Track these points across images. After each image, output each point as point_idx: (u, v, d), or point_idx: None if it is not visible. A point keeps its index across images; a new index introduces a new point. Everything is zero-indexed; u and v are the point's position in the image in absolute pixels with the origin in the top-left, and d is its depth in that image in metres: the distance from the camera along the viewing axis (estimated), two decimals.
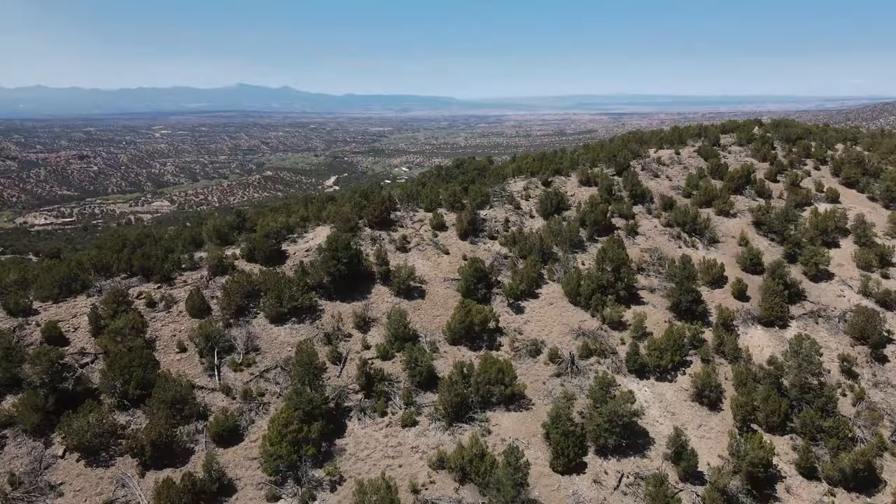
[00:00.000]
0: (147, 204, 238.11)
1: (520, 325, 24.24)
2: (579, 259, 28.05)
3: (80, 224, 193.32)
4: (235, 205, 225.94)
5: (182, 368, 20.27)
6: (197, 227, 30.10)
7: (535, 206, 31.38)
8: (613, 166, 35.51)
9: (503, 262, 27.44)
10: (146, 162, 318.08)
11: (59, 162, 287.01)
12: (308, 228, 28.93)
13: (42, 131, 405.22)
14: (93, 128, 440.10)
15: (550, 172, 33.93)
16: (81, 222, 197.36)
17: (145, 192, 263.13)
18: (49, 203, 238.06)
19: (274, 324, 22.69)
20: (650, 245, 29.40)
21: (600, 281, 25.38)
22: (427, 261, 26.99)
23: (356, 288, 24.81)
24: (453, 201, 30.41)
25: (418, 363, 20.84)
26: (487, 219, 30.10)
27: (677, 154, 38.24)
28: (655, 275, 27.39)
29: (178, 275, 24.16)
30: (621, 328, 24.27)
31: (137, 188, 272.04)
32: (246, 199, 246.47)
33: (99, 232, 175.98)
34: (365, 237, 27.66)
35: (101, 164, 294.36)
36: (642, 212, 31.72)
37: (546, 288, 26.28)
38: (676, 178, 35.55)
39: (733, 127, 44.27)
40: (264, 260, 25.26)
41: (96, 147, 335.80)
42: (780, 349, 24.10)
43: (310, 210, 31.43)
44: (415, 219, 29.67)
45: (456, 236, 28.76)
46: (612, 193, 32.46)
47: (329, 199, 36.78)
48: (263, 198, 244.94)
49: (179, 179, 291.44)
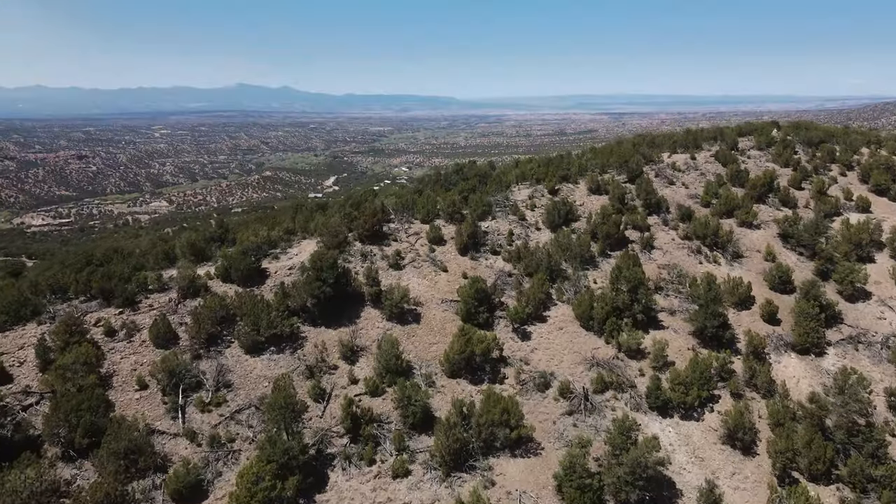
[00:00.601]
0: (145, 204, 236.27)
1: (526, 354, 21.57)
2: (591, 277, 25.37)
3: (76, 225, 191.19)
4: (234, 205, 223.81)
5: (141, 409, 17.65)
6: (171, 241, 27.44)
7: (541, 217, 28.69)
8: (625, 172, 32.81)
9: (507, 280, 24.78)
10: (145, 162, 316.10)
11: (58, 162, 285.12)
12: (293, 242, 26.26)
13: (41, 131, 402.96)
14: (92, 127, 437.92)
15: (557, 179, 31.25)
16: (79, 223, 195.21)
17: (144, 192, 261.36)
18: (47, 203, 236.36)
19: (250, 354, 20.04)
20: (668, 260, 26.71)
21: (615, 303, 22.73)
22: (423, 279, 24.32)
23: (343, 311, 22.15)
24: (452, 212, 27.74)
25: (412, 402, 18.22)
26: (489, 231, 27.42)
27: (693, 159, 35.53)
28: (675, 294, 24.71)
29: (143, 298, 21.52)
30: (640, 357, 21.61)
31: (136, 188, 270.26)
32: (245, 200, 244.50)
33: (95, 233, 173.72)
34: (355, 253, 24.98)
35: (99, 165, 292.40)
36: (658, 223, 29.05)
37: (555, 310, 23.60)
38: (693, 185, 32.85)
39: (751, 129, 41.54)
40: (241, 280, 22.60)
41: (95, 147, 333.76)
42: (818, 381, 21.45)
43: (297, 221, 28.76)
44: (410, 231, 27.00)
45: (455, 251, 26.09)
46: (625, 203, 29.77)
47: (319, 207, 34.11)
48: (262, 198, 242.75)
49: (178, 179, 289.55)
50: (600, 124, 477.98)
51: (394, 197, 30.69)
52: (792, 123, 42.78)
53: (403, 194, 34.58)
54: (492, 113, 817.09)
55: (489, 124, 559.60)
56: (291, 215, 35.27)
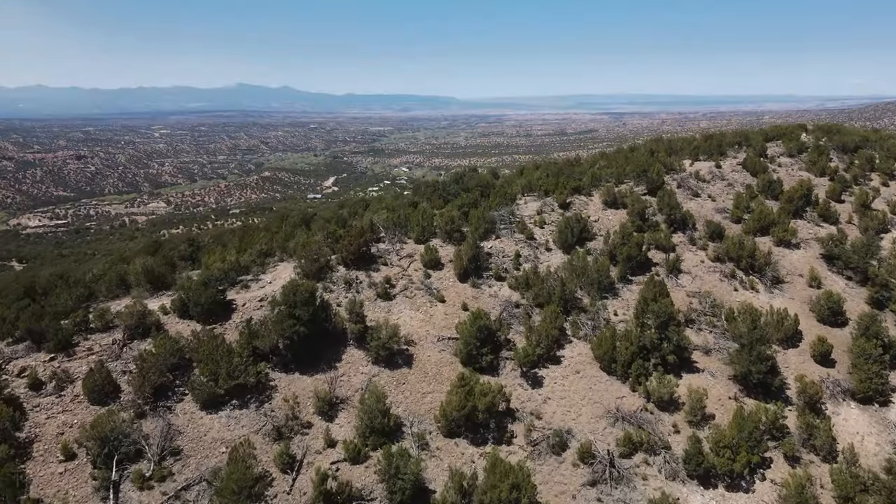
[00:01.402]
0: (143, 205, 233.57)
1: (538, 405, 18.04)
2: (610, 307, 21.83)
3: (73, 226, 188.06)
4: (232, 206, 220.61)
5: (65, 487, 14.17)
6: (134, 259, 23.86)
7: (552, 236, 25.14)
8: (644, 183, 29.22)
9: (514, 312, 21.26)
10: (144, 162, 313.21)
11: (56, 162, 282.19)
12: (267, 267, 22.69)
13: (41, 131, 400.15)
14: (92, 127, 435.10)
15: (569, 191, 27.61)
16: (75, 224, 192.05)
17: (142, 193, 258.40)
18: (45, 204, 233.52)
19: (206, 410, 16.52)
20: (698, 287, 23.16)
21: (641, 341, 19.22)
22: (416, 312, 20.76)
23: (321, 354, 18.64)
24: (450, 230, 24.20)
25: (400, 473, 14.72)
26: (493, 253, 23.86)
27: (718, 168, 31.92)
28: (709, 328, 21.17)
29: (81, 339, 17.98)
30: (673, 408, 18.10)
31: (134, 189, 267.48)
32: (243, 201, 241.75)
33: (91, 235, 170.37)
34: (337, 280, 21.43)
35: (98, 165, 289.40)
36: (684, 242, 25.49)
37: (570, 349, 20.06)
38: (720, 197, 29.27)
39: (778, 133, 37.92)
40: (202, 316, 19.08)
41: (94, 147, 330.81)
42: (887, 437, 17.94)
43: (275, 240, 25.18)
44: (402, 253, 23.44)
45: (454, 276, 22.55)
46: (646, 218, 26.23)
47: (304, 221, 30.51)
48: (261, 199, 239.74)
49: (177, 180, 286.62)
50: (601, 124, 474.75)
51: (385, 211, 27.14)
52: (821, 127, 39.19)
53: (397, 206, 31.03)
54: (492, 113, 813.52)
55: (489, 124, 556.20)
56: (273, 230, 31.75)
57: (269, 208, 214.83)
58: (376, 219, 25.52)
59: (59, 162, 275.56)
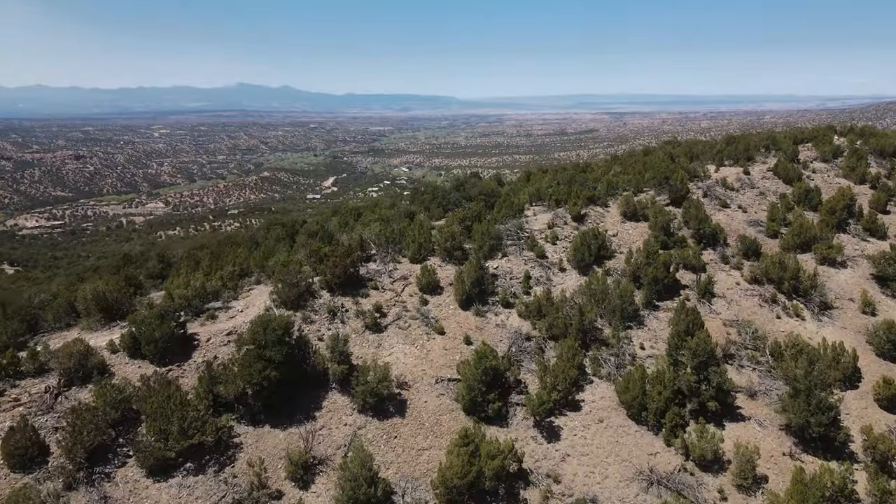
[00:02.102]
0: (141, 205, 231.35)
1: (555, 464, 15.02)
2: (636, 339, 18.77)
3: (69, 228, 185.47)
4: (231, 206, 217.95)
5: None
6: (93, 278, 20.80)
7: (566, 254, 22.08)
8: (666, 192, 26.09)
9: (524, 345, 18.20)
10: (143, 162, 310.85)
11: (55, 162, 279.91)
12: (241, 291, 19.60)
13: (40, 131, 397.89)
14: (91, 127, 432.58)
15: (583, 202, 24.50)
16: (71, 226, 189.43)
17: (140, 193, 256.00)
18: (42, 204, 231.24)
19: (153, 478, 13.49)
20: (735, 314, 20.09)
21: (676, 384, 16.07)
22: (411, 346, 17.70)
23: (298, 401, 15.62)
24: (451, 248, 21.12)
25: None
26: (500, 274, 20.80)
27: (747, 174, 28.81)
28: (751, 365, 18.09)
29: (9, 386, 14.86)
30: (717, 468, 15.08)
31: (133, 189, 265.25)
32: (242, 201, 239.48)
33: (87, 236, 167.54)
34: (320, 308, 18.37)
35: (97, 165, 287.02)
36: (715, 260, 22.44)
37: (591, 391, 17.01)
38: (752, 207, 26.17)
39: (808, 136, 34.81)
40: (157, 355, 16.06)
41: (93, 147, 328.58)
42: None
43: (252, 258, 22.09)
44: (395, 275, 20.38)
45: (454, 303, 19.50)
46: (671, 233, 23.09)
47: (288, 234, 27.43)
48: (260, 199, 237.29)
49: (176, 180, 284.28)
50: (601, 124, 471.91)
51: (377, 224, 24.01)
52: (854, 129, 36.02)
53: (392, 216, 27.96)
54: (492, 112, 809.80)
55: (489, 124, 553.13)
56: (257, 242, 28.70)
57: (267, 209, 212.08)
58: (367, 234, 22.43)
59: (58, 162, 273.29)
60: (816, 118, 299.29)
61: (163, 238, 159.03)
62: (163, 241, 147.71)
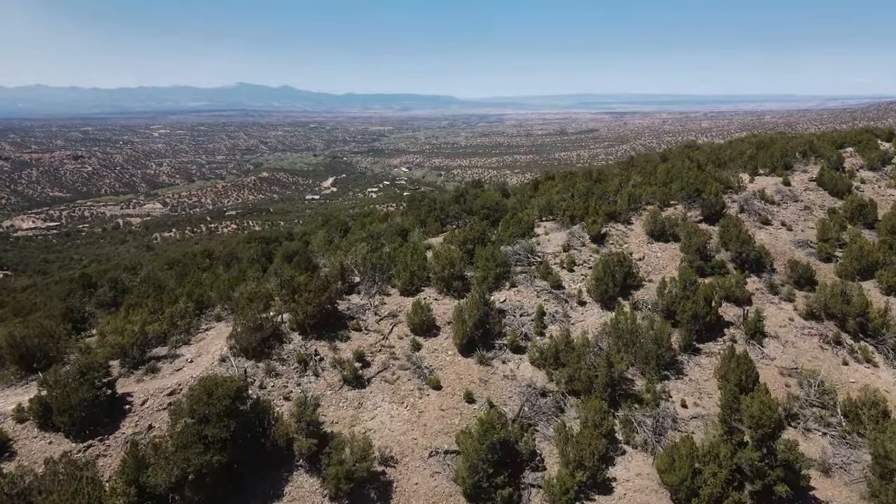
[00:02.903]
0: (139, 206, 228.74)
1: None
2: (674, 393, 15.22)
3: (64, 229, 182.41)
4: (229, 207, 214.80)
5: None
6: None
7: (585, 284, 18.53)
8: (697, 206, 22.48)
9: (539, 402, 14.63)
10: (142, 162, 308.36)
11: (53, 162, 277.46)
12: (194, 333, 16.00)
13: (39, 131, 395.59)
14: (91, 127, 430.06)
15: (603, 218, 20.89)
16: (67, 227, 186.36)
17: (139, 193, 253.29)
18: (40, 205, 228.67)
19: None
20: (792, 359, 16.54)
21: (735, 460, 12.49)
22: (399, 406, 14.17)
23: (252, 489, 11.98)
24: (450, 277, 17.50)
25: None
26: (508, 309, 17.25)
27: (787, 185, 25.22)
28: (821, 428, 14.55)
29: None
30: None
31: (131, 189, 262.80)
32: (240, 202, 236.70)
33: (81, 238, 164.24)
34: (289, 357, 14.84)
35: (95, 165, 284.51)
36: (762, 290, 18.93)
37: (624, 465, 13.47)
38: (797, 224, 22.59)
39: (848, 140, 31.07)
40: (74, 426, 12.50)
41: (92, 147, 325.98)
42: None
43: (217, 285, 18.54)
44: (383, 311, 16.85)
45: (453, 347, 15.98)
46: (707, 256, 19.48)
47: (266, 253, 23.86)
48: (258, 200, 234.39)
49: (175, 180, 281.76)
50: (602, 124, 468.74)
51: (365, 244, 20.42)
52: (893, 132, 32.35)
53: (384, 231, 24.41)
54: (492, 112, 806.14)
55: (489, 123, 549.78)
56: (232, 259, 25.20)
57: (265, 210, 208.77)
58: (350, 261, 18.84)
59: (56, 162, 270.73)
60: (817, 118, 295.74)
61: (158, 240, 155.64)
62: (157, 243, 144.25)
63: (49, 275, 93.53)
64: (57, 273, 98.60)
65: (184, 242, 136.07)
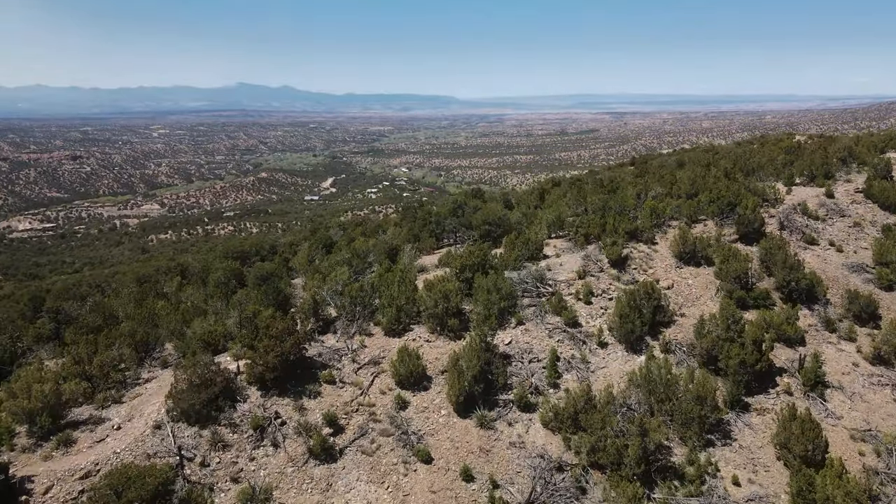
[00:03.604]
0: (136, 207, 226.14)
1: None
2: (723, 466, 12.10)
3: (60, 231, 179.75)
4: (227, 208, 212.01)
5: None
6: None
7: (605, 320, 15.44)
8: (733, 223, 19.35)
9: (555, 480, 11.51)
10: (141, 162, 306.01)
11: (51, 163, 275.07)
12: (129, 388, 12.91)
13: (38, 131, 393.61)
14: (90, 127, 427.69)
15: (623, 238, 17.76)
16: (64, 228, 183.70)
17: (137, 194, 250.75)
18: (37, 206, 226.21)
19: None
20: (863, 417, 13.49)
21: None
22: (379, 487, 11.14)
23: None
24: (444, 314, 14.40)
25: None
26: (514, 354, 14.17)
27: (830, 197, 22.00)
28: None
29: None
30: None
31: (130, 190, 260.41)
32: (238, 202, 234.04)
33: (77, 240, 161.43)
34: (242, 420, 11.81)
35: (94, 165, 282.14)
36: (815, 326, 15.86)
37: None
38: (847, 244, 19.48)
39: (893, 144, 27.77)
40: None
41: (91, 147, 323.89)
42: None
43: (169, 321, 15.44)
44: (362, 357, 13.79)
45: (448, 404, 12.91)
46: (749, 286, 16.36)
47: (237, 274, 20.74)
48: (257, 200, 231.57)
49: (174, 181, 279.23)
50: (602, 124, 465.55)
51: (346, 268, 17.32)
52: None
53: (372, 249, 21.29)
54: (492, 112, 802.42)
55: (490, 123, 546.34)
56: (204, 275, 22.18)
57: (264, 210, 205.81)
58: (327, 290, 15.75)
59: (55, 162, 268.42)
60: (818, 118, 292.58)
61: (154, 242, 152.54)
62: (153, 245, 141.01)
63: (41, 278, 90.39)
64: (49, 276, 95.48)
65: (179, 244, 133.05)
